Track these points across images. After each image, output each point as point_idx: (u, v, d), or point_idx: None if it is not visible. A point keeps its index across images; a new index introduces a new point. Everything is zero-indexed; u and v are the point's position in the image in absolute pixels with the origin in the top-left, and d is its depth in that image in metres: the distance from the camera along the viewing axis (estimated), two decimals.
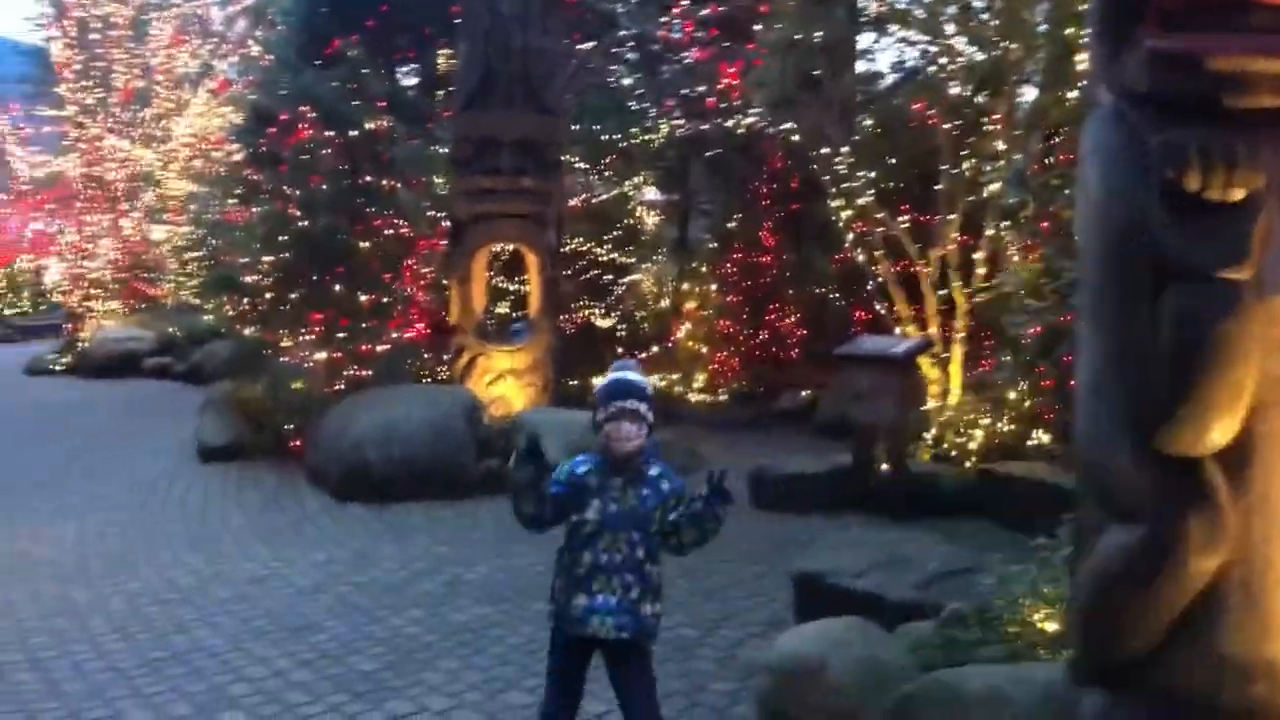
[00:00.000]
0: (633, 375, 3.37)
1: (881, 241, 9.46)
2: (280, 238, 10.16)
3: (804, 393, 12.30)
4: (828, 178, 10.24)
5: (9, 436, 11.10)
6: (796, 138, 11.07)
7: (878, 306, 9.77)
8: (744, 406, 12.57)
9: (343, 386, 9.94)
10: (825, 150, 10.12)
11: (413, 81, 17.81)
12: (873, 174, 9.81)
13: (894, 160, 10.82)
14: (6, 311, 28.27)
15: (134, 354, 16.76)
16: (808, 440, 11.11)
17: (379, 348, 10.06)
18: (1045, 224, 8.21)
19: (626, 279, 13.55)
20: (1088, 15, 2.95)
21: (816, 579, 5.11)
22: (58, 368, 16.73)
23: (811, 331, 12.98)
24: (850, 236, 9.96)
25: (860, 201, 9.58)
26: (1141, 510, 2.56)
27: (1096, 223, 2.66)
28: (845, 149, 9.50)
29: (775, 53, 10.67)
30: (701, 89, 13.13)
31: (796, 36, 9.87)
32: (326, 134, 10.27)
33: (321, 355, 9.95)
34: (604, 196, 12.90)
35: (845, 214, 9.96)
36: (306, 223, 9.99)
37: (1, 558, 6.58)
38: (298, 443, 9.53)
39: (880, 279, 9.58)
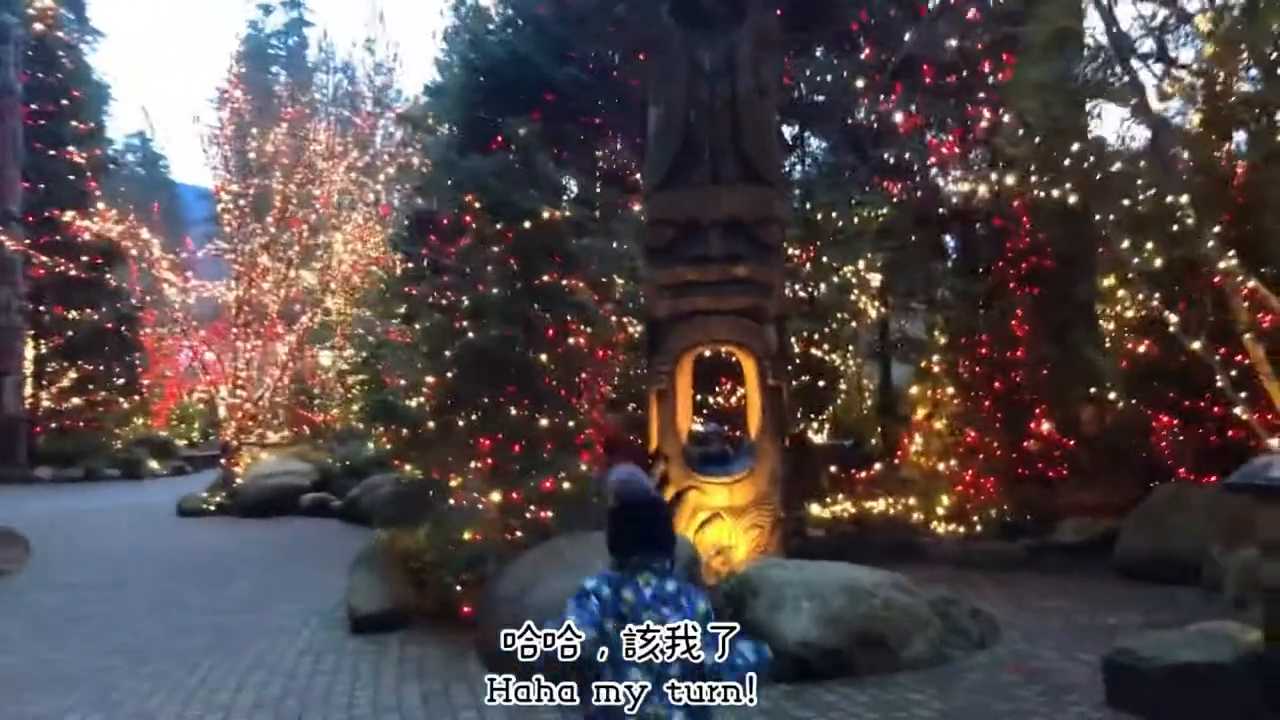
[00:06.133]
0: None
1: (1249, 320, 6.88)
2: (445, 353, 8.46)
3: (1090, 521, 9.70)
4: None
5: (147, 596, 9.60)
6: (1056, 193, 8.89)
7: (1239, 411, 7.16)
8: (1010, 540, 9.96)
9: (520, 534, 7.99)
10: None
11: (573, 181, 16.40)
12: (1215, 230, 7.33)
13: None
14: (179, 442, 28.11)
15: (289, 490, 15.44)
16: (1116, 587, 8.56)
17: (563, 483, 8.08)
18: None
19: (844, 384, 11.32)
20: None
21: None
22: (210, 506, 15.45)
23: (1083, 443, 10.42)
24: (1173, 318, 7.52)
25: (1221, 264, 7.05)
26: None
27: None
28: (1185, 199, 7.06)
29: (1033, 93, 8.57)
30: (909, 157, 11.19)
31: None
32: (495, 227, 8.59)
33: (495, 495, 8.04)
34: (822, 286, 10.76)
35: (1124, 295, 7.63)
36: (473, 334, 8.25)
37: None
38: (468, 609, 7.58)
39: (1235, 372, 7.05)
